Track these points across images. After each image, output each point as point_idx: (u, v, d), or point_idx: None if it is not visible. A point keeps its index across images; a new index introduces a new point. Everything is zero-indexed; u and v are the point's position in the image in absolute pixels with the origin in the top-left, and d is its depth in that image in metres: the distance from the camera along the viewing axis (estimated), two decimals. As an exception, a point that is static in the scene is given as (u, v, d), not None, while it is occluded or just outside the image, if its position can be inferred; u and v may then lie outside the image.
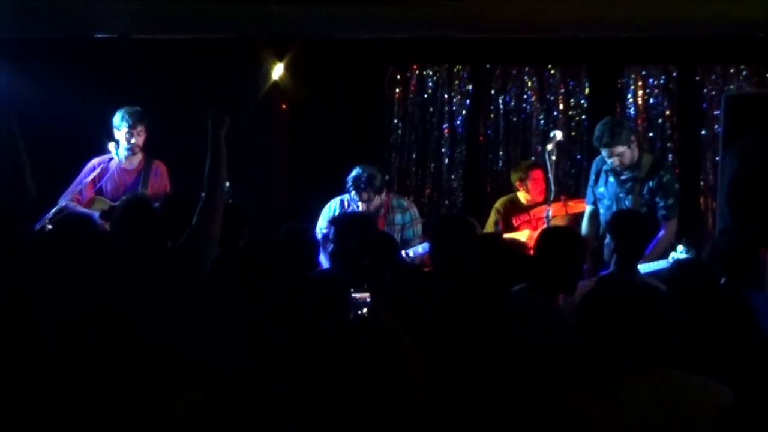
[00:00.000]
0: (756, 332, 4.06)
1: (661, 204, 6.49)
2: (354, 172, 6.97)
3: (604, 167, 6.67)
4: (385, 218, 7.04)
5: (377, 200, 6.96)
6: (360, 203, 6.94)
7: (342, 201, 7.13)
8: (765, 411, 3.04)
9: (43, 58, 8.74)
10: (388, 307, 4.05)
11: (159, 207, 5.72)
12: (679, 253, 6.01)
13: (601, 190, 6.72)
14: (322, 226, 7.03)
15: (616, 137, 6.43)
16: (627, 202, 6.55)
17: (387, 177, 7.25)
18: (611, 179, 6.64)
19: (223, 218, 5.13)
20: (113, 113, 7.34)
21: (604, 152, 6.53)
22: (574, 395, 3.34)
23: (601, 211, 6.72)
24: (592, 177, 6.83)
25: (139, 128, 7.26)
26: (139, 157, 7.33)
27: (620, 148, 6.46)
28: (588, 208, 6.86)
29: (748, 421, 3.06)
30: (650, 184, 6.51)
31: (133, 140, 7.24)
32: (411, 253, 6.77)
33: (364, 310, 4.16)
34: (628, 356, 3.39)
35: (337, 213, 7.03)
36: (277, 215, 8.52)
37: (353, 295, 4.25)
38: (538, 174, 7.63)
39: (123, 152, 7.26)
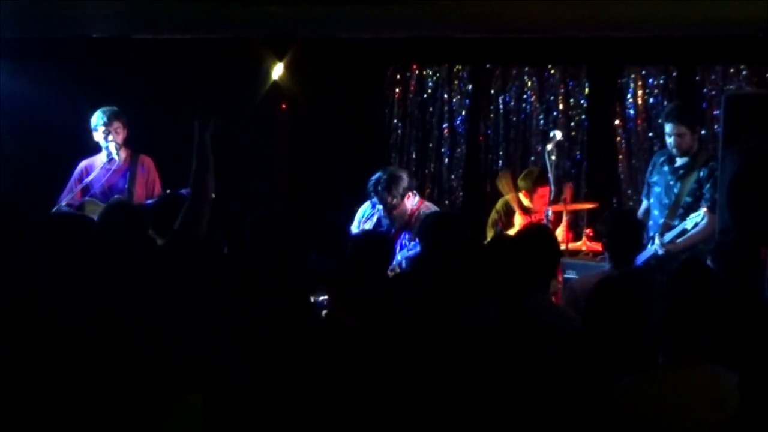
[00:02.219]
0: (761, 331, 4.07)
1: (708, 196, 6.57)
2: (375, 176, 6.77)
3: (661, 158, 6.81)
4: (410, 226, 6.73)
5: (402, 206, 6.69)
6: (382, 208, 6.73)
7: (373, 204, 6.91)
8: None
9: (43, 58, 8.74)
10: (353, 276, 4.10)
11: (151, 208, 5.69)
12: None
13: (655, 178, 6.83)
14: (355, 228, 6.87)
15: (682, 116, 6.63)
16: (675, 189, 6.65)
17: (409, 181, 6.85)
18: (665, 167, 6.76)
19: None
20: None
21: (667, 127, 6.67)
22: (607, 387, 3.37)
23: (651, 200, 6.82)
24: (650, 168, 6.96)
25: (116, 125, 7.27)
26: (123, 154, 7.33)
27: (682, 128, 6.60)
28: (643, 204, 6.92)
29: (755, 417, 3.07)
30: (701, 173, 6.61)
31: (110, 138, 7.25)
32: (401, 257, 6.66)
33: (324, 312, 4.25)
34: (663, 350, 3.42)
35: (367, 214, 6.91)
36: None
37: (313, 299, 4.33)
38: (544, 191, 7.54)
39: (105, 152, 7.27)
